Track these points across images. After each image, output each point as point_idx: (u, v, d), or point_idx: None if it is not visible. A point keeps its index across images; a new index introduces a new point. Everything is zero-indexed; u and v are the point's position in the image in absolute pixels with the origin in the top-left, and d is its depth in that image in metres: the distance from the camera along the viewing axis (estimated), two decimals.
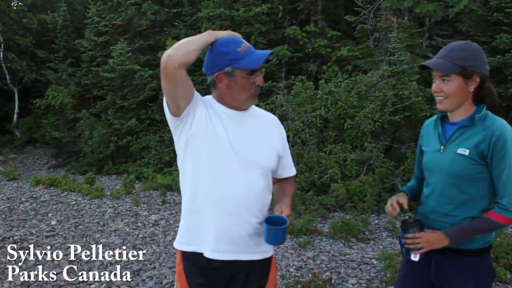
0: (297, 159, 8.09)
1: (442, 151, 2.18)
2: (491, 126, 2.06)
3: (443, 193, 2.17)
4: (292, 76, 10.33)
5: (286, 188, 2.28)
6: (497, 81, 8.38)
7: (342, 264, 5.09)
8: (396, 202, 2.27)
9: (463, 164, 2.09)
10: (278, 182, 2.32)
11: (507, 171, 2.03)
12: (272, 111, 9.13)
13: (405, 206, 2.31)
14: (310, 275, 4.41)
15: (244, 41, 2.04)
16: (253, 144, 2.09)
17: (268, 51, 2.05)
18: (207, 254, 2.06)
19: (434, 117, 2.36)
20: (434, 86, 2.17)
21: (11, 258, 5.25)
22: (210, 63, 2.06)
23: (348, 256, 5.34)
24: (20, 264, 5.07)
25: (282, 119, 8.96)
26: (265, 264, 2.18)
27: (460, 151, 2.10)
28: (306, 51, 12.09)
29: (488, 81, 2.18)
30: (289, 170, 2.31)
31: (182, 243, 2.15)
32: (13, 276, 4.70)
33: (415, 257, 2.15)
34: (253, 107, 2.19)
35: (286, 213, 2.03)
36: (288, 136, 8.55)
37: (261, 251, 2.13)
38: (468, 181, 2.10)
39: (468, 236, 2.09)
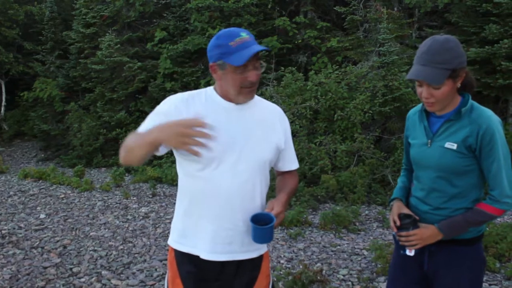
0: None
1: (429, 145, 2.15)
2: (477, 119, 2.03)
3: (433, 187, 2.15)
4: (282, 68, 10.32)
5: (286, 182, 2.21)
6: (486, 72, 8.43)
7: (333, 255, 5.09)
8: (398, 216, 2.20)
9: (452, 158, 2.07)
10: (280, 175, 2.27)
11: (496, 163, 2.01)
12: None
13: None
14: (301, 267, 4.41)
15: (243, 34, 1.95)
16: (248, 137, 2.02)
17: (259, 48, 1.93)
18: (204, 256, 2.04)
19: (418, 107, 2.30)
20: (422, 92, 2.07)
21: None
22: (208, 53, 2.03)
23: (338, 247, 5.35)
24: (8, 258, 5.02)
25: None
26: (256, 258, 2.14)
27: (448, 145, 2.07)
28: (296, 42, 12.06)
29: (468, 71, 2.11)
30: (291, 163, 2.24)
31: (176, 242, 2.13)
32: (1, 270, 4.66)
33: (410, 252, 2.15)
34: (257, 98, 2.13)
35: (276, 210, 1.97)
36: None
37: (256, 248, 2.09)
38: (457, 174, 2.08)
39: (461, 230, 2.08)
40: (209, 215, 2.03)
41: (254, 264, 2.13)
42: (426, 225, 2.12)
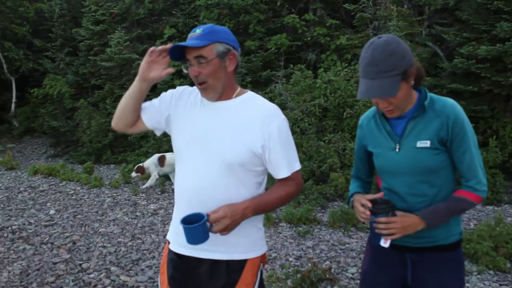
0: (296, 148, 8.06)
1: (397, 150, 1.99)
2: (443, 110, 1.93)
3: (412, 193, 2.00)
4: (291, 65, 10.29)
5: (270, 189, 2.03)
6: (497, 70, 8.34)
7: (342, 254, 5.08)
8: (372, 201, 2.00)
9: (427, 157, 1.94)
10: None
11: (468, 153, 1.93)
12: (271, 100, 9.10)
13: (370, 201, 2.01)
14: (309, 265, 4.40)
15: (197, 30, 1.94)
16: (216, 136, 1.95)
17: (184, 43, 1.89)
18: (170, 245, 2.11)
19: (370, 113, 2.15)
20: (378, 102, 1.95)
21: (10, 247, 5.24)
22: None
23: (347, 245, 5.34)
24: (19, 253, 5.06)
25: (281, 108, 8.88)
26: (235, 263, 2.01)
27: (420, 144, 1.94)
28: (305, 39, 12.03)
29: (415, 62, 1.97)
30: (278, 171, 1.99)
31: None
32: (12, 265, 4.69)
33: (385, 243, 1.95)
34: (250, 96, 2.03)
35: (217, 215, 1.80)
36: None
37: (225, 251, 1.98)
38: (435, 173, 1.97)
39: (443, 219, 1.96)
40: (177, 208, 2.07)
41: (232, 269, 2.00)
42: (407, 214, 1.96)
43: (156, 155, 8.54)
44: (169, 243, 2.15)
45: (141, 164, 8.43)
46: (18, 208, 6.96)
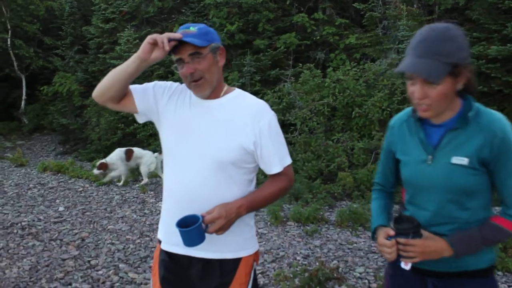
0: (304, 147, 8.08)
1: (430, 162, 1.74)
2: (490, 125, 1.65)
3: (439, 213, 1.76)
4: (300, 64, 10.28)
5: (263, 186, 2.03)
6: (508, 70, 8.29)
7: (350, 253, 5.08)
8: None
9: (462, 176, 1.69)
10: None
11: None
12: (279, 99, 9.11)
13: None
14: (317, 264, 4.41)
15: (191, 27, 1.90)
16: (206, 134, 1.94)
17: (186, 40, 1.85)
18: (161, 245, 2.10)
19: (404, 115, 1.91)
20: (415, 91, 1.68)
21: (19, 243, 5.28)
22: None
23: (355, 244, 5.33)
24: (28, 249, 5.10)
25: (290, 107, 8.93)
26: (228, 262, 2.00)
27: (456, 160, 1.68)
28: (314, 39, 12.00)
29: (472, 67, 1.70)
30: (271, 167, 1.98)
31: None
32: (21, 261, 4.73)
33: (406, 266, 1.77)
34: (239, 93, 2.04)
35: (211, 216, 1.80)
36: (295, 124, 8.54)
37: (217, 250, 1.97)
38: (469, 195, 1.71)
39: (475, 248, 1.71)
40: (167, 207, 2.07)
41: (226, 269, 1.99)
42: (433, 237, 1.73)
43: (122, 149, 8.54)
44: (159, 242, 2.13)
45: (103, 160, 8.33)
46: (27, 204, 7.02)
